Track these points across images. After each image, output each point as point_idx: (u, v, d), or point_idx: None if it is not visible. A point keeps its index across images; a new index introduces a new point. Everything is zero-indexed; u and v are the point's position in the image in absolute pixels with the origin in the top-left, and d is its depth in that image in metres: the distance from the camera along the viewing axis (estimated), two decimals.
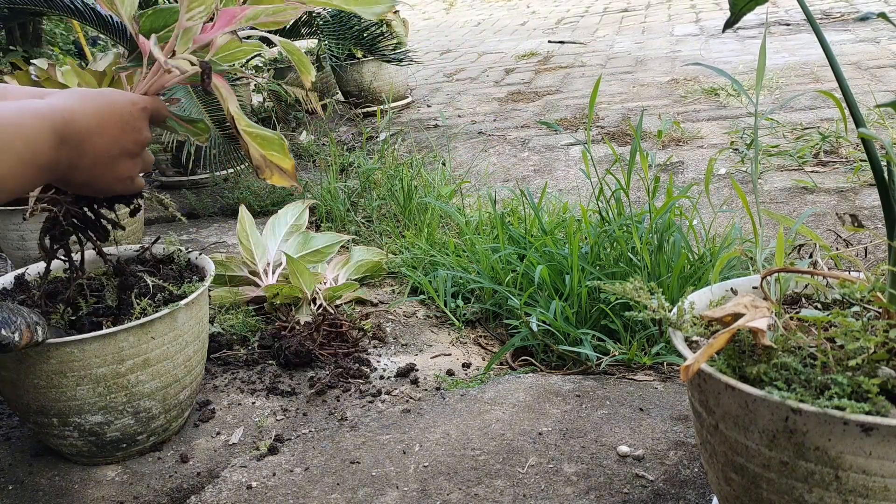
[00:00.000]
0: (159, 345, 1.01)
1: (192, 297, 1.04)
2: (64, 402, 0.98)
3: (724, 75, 0.73)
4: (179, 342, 1.04)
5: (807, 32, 4.30)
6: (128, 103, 0.82)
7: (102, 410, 1.00)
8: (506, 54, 5.18)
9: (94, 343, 0.95)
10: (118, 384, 0.99)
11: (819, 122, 2.49)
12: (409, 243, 1.80)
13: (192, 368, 1.09)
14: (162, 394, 1.04)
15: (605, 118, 2.96)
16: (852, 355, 0.59)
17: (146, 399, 1.02)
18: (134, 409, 1.02)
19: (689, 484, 0.90)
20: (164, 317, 1.00)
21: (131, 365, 0.99)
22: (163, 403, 1.05)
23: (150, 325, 0.98)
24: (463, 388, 1.20)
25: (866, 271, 0.69)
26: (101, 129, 0.77)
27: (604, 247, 1.44)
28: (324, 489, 0.95)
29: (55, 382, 0.96)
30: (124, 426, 1.03)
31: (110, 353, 0.96)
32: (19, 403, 1.01)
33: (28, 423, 1.05)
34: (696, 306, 0.72)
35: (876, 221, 1.67)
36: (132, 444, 1.06)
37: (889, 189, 0.64)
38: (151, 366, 1.01)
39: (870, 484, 0.55)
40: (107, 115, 0.78)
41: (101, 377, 0.97)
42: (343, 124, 3.57)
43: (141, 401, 1.02)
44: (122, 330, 0.96)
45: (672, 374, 1.21)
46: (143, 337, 0.98)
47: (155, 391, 1.03)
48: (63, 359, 0.94)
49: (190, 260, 1.18)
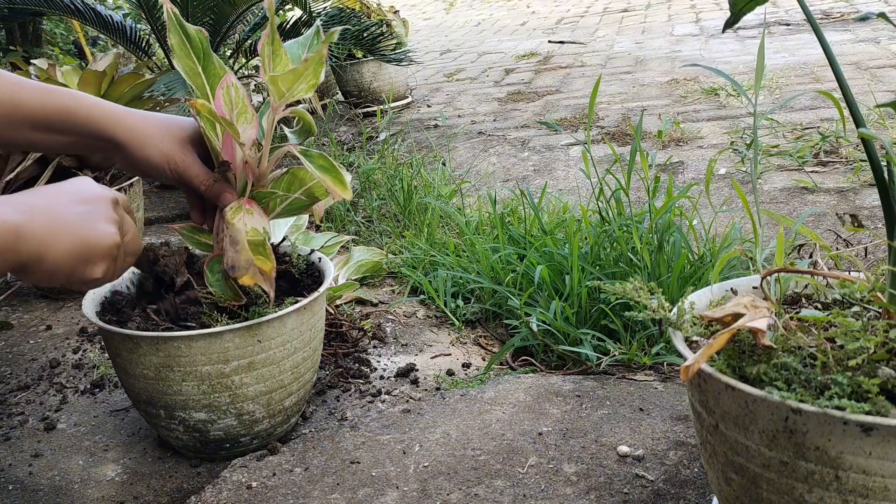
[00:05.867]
0: (265, 349, 0.98)
1: (305, 303, 1.00)
2: (170, 395, 0.98)
3: (723, 76, 0.73)
4: (287, 348, 1.01)
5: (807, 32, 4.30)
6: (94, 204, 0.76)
7: (206, 409, 0.99)
8: (506, 54, 5.18)
9: (200, 341, 0.94)
10: (222, 384, 0.98)
11: (819, 122, 2.49)
12: (409, 243, 1.80)
13: (300, 375, 1.06)
14: (266, 398, 1.02)
15: (605, 118, 2.96)
16: (852, 355, 0.59)
17: (250, 402, 1.01)
18: (237, 411, 1.01)
19: (689, 484, 0.90)
20: (272, 320, 0.97)
21: (236, 366, 0.97)
22: (267, 408, 1.03)
23: (258, 327, 0.96)
24: (463, 388, 1.20)
25: (866, 271, 0.69)
26: (52, 248, 0.72)
27: (604, 247, 1.45)
28: (324, 489, 0.95)
29: (162, 375, 0.96)
30: (227, 426, 1.02)
31: (216, 353, 0.95)
32: (131, 391, 1.03)
33: (139, 411, 1.07)
34: (696, 306, 0.72)
35: (876, 221, 1.67)
36: (235, 446, 1.04)
37: (889, 189, 0.64)
38: (256, 369, 0.99)
39: (870, 484, 0.55)
40: (61, 232, 0.73)
41: (205, 375, 0.96)
42: (343, 124, 3.57)
43: (244, 403, 1.00)
44: (228, 330, 0.94)
45: (672, 374, 1.21)
46: (249, 339, 0.96)
47: (259, 395, 1.01)
48: (170, 353, 0.94)
49: (311, 262, 1.13)
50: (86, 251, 0.75)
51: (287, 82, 0.85)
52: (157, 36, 2.69)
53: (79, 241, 0.74)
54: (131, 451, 1.10)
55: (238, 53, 3.03)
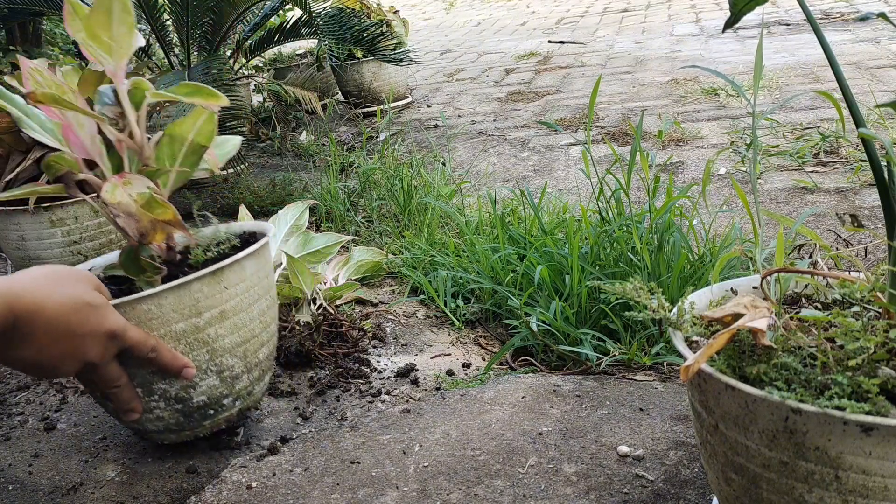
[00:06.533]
0: (233, 295, 0.98)
1: (258, 246, 1.02)
2: (146, 366, 0.95)
3: (721, 76, 0.73)
4: (252, 294, 1.02)
5: (807, 32, 4.30)
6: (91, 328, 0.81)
7: None
8: (506, 54, 5.18)
9: (169, 296, 0.92)
10: (199, 339, 0.96)
11: (819, 122, 2.49)
12: (409, 243, 1.80)
13: (267, 325, 1.06)
14: (242, 350, 1.02)
15: (605, 118, 2.96)
16: (852, 355, 0.59)
17: (228, 355, 1.00)
18: (217, 367, 1.00)
19: (689, 484, 0.90)
20: (232, 264, 0.97)
21: (209, 318, 0.96)
22: (244, 361, 1.03)
23: (222, 273, 0.96)
24: (463, 388, 1.20)
25: (866, 271, 0.69)
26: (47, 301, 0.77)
27: (604, 247, 1.45)
28: (324, 489, 0.95)
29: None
30: (210, 388, 1.00)
31: (187, 306, 0.94)
32: None
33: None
34: (696, 306, 0.72)
35: (876, 221, 1.67)
36: (219, 410, 1.03)
37: (889, 189, 0.64)
38: (228, 318, 0.99)
39: (870, 484, 0.55)
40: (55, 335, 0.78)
41: (181, 333, 0.95)
42: (343, 124, 3.57)
43: (223, 357, 1.00)
44: (195, 279, 0.93)
45: (672, 374, 1.21)
46: (216, 287, 0.96)
47: (235, 346, 1.01)
48: (140, 318, 0.92)
49: (246, 231, 1.14)
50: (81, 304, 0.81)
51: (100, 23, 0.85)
52: (157, 36, 2.69)
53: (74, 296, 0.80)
54: (131, 451, 1.10)
55: (238, 53, 3.03)
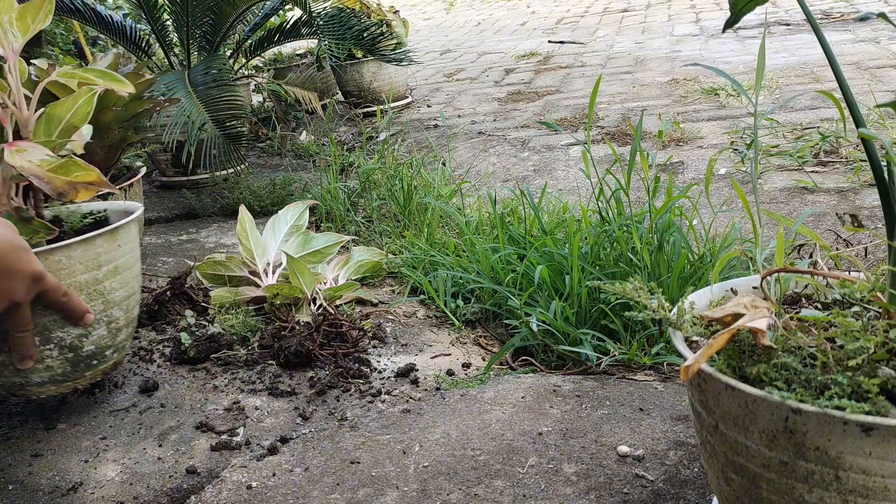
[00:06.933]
0: (124, 253, 1.11)
1: (139, 213, 1.17)
2: (50, 314, 1.03)
3: (723, 75, 0.73)
4: (134, 255, 1.16)
5: (807, 32, 4.30)
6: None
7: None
8: (506, 54, 5.18)
9: (77, 248, 1.03)
10: (97, 291, 1.07)
11: (819, 122, 2.49)
12: (409, 243, 1.80)
13: (139, 286, 1.20)
14: (126, 304, 1.13)
15: (605, 118, 2.96)
16: (852, 355, 0.59)
17: (116, 308, 1.11)
18: (108, 319, 1.10)
19: (689, 484, 0.90)
20: (124, 225, 1.11)
21: (106, 271, 1.08)
22: (126, 315, 1.14)
23: (118, 231, 1.09)
24: (463, 388, 1.20)
25: (866, 271, 0.69)
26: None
27: (604, 247, 1.44)
28: (324, 489, 0.95)
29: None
30: (98, 338, 1.10)
31: (91, 259, 1.05)
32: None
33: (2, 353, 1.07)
34: (696, 306, 0.72)
35: (876, 221, 1.67)
36: (101, 360, 1.12)
37: (889, 189, 0.64)
38: (120, 273, 1.11)
39: (870, 484, 0.55)
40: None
41: (83, 284, 1.05)
42: (343, 124, 3.57)
43: (113, 309, 1.11)
44: (99, 235, 1.05)
45: (672, 374, 1.21)
46: (113, 244, 1.08)
47: (123, 300, 1.12)
48: (52, 267, 1.01)
49: (106, 209, 1.25)
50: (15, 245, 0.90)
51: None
52: (157, 36, 2.69)
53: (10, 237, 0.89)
54: (131, 451, 1.10)
55: (238, 53, 3.03)
